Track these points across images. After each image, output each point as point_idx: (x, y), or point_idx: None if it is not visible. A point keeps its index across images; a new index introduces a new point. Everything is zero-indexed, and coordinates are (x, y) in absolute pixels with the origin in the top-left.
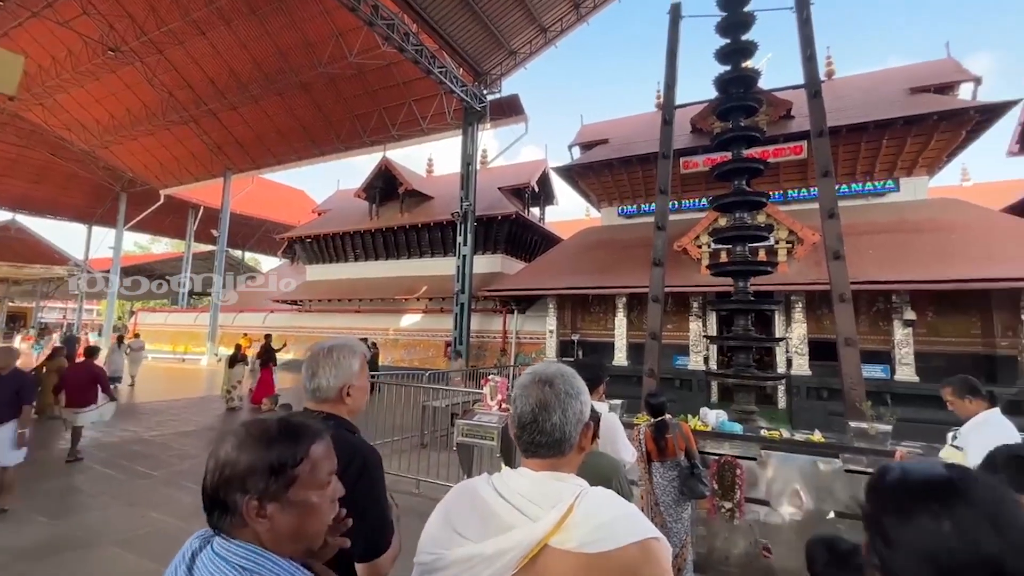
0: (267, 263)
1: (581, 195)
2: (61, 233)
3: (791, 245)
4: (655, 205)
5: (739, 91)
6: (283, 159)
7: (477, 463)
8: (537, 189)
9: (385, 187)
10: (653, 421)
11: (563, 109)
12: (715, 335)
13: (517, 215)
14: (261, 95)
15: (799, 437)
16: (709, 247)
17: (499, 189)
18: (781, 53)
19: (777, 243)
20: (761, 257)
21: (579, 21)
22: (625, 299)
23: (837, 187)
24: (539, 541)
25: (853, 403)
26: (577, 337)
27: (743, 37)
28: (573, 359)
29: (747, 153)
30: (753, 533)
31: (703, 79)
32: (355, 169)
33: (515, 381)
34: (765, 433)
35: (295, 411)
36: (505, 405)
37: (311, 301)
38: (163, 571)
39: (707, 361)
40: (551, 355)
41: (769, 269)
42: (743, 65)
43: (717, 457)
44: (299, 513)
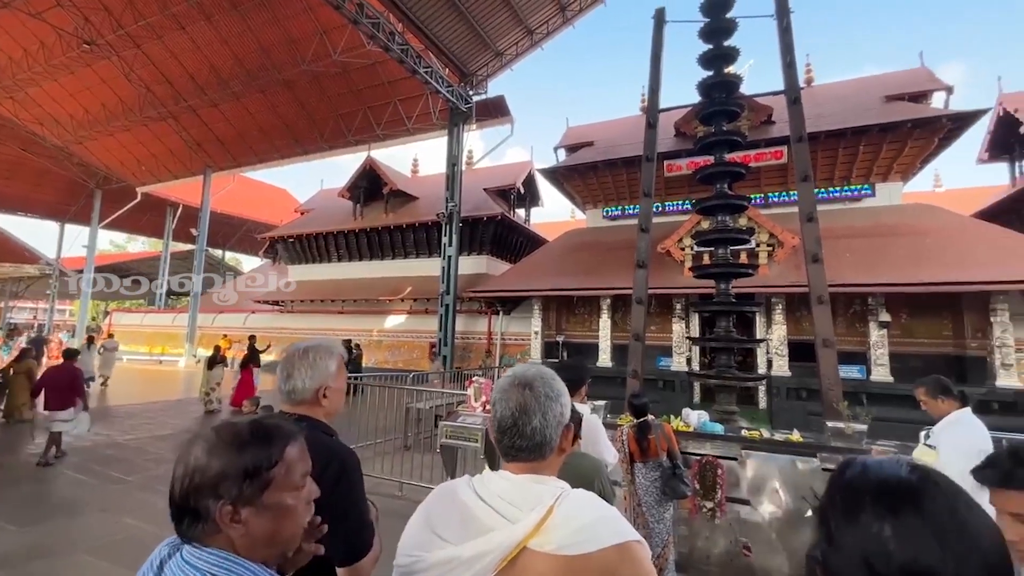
0: (248, 263)
1: (566, 197)
2: (32, 231)
3: (771, 248)
4: (639, 207)
5: (721, 96)
6: (265, 157)
7: (461, 465)
8: (523, 190)
9: (370, 187)
10: (636, 422)
11: (549, 111)
12: (698, 336)
13: (502, 216)
14: (243, 92)
15: (779, 437)
16: (692, 249)
17: (484, 190)
18: (762, 59)
19: (758, 246)
20: (743, 260)
21: (565, 24)
22: (609, 301)
23: (816, 191)
24: (518, 543)
25: (831, 403)
26: (562, 338)
27: (725, 43)
28: (558, 360)
29: (729, 157)
30: (733, 532)
31: (687, 83)
32: (339, 168)
33: (495, 383)
34: (746, 433)
35: (269, 414)
36: (489, 407)
37: (293, 302)
38: None
39: (690, 362)
40: (536, 356)
41: (750, 271)
42: (725, 70)
43: (699, 457)
44: (274, 516)
